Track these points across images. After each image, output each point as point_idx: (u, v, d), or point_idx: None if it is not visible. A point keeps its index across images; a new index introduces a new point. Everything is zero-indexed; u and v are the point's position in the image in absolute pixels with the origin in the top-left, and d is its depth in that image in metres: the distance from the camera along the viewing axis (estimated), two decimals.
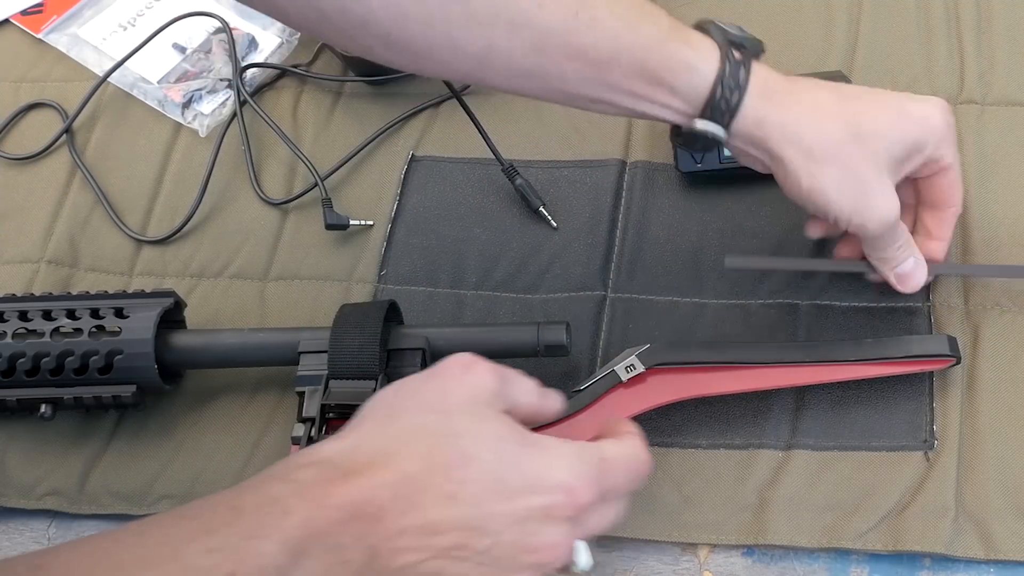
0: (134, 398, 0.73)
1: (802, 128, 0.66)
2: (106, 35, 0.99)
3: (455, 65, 0.66)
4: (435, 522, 0.52)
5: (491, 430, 0.55)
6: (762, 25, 0.91)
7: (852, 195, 0.66)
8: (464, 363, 0.59)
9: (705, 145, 0.67)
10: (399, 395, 0.58)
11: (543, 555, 0.54)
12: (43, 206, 0.90)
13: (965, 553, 0.66)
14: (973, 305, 0.75)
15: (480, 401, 0.57)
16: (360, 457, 0.53)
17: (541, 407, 0.62)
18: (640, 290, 0.79)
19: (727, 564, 0.68)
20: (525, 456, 0.54)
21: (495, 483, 0.53)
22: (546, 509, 0.54)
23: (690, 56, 0.65)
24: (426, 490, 0.52)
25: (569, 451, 0.56)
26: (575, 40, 0.64)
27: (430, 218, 0.85)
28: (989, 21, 0.88)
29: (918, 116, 0.68)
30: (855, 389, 0.71)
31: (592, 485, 0.55)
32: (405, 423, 0.55)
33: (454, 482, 0.53)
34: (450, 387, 0.57)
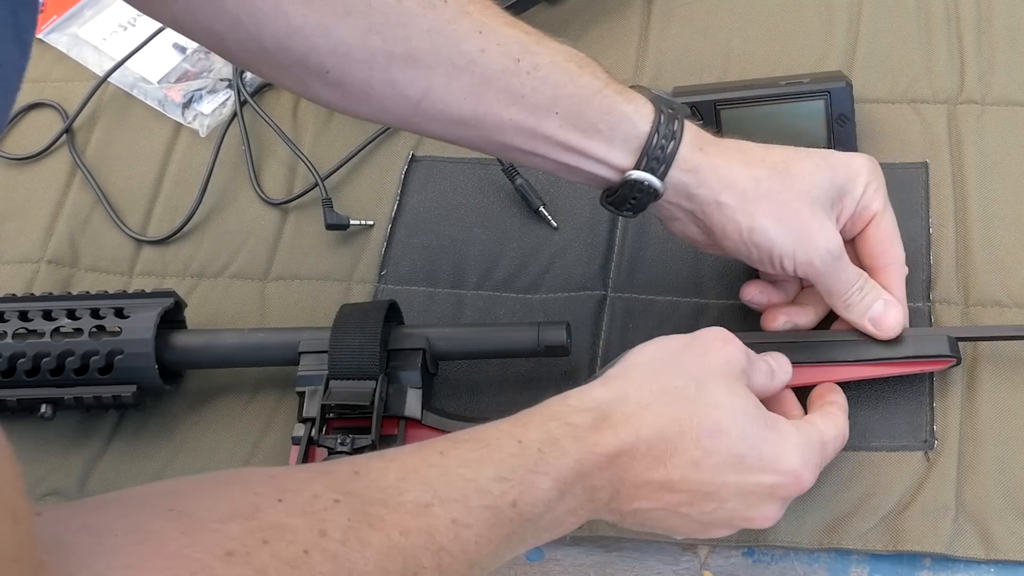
0: (134, 398, 0.73)
1: (734, 172, 0.67)
2: (106, 35, 0.99)
3: (392, 108, 0.66)
4: (675, 481, 0.59)
5: (740, 406, 0.61)
6: (762, 25, 0.91)
7: (792, 229, 0.66)
8: (723, 336, 0.64)
9: (636, 205, 0.68)
10: (663, 352, 0.63)
11: (755, 523, 0.62)
12: (43, 206, 0.90)
13: (965, 553, 0.66)
14: (973, 304, 0.75)
15: (733, 374, 0.62)
16: (627, 408, 0.59)
17: (771, 387, 0.66)
18: (640, 290, 0.79)
19: (727, 564, 0.68)
20: (765, 438, 0.60)
21: (735, 458, 0.59)
22: (772, 487, 0.61)
23: (627, 108, 0.66)
24: (675, 452, 0.59)
25: (800, 439, 0.62)
26: (515, 85, 0.65)
27: (430, 218, 0.85)
28: (989, 21, 0.88)
29: (843, 161, 0.69)
30: (855, 389, 0.71)
31: (816, 470, 0.63)
32: (668, 383, 0.60)
33: (701, 450, 0.59)
34: (710, 356, 0.62)
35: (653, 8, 0.93)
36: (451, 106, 0.65)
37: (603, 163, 0.67)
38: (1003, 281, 0.76)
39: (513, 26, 0.66)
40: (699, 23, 0.92)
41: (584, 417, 0.59)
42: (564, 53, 0.66)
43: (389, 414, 0.70)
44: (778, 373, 0.67)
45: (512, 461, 0.56)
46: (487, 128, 0.66)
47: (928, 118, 0.84)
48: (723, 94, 0.80)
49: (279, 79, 0.68)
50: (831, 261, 0.67)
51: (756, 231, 0.66)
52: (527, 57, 0.65)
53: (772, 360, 0.67)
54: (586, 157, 0.67)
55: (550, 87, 0.65)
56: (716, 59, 0.89)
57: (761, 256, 0.67)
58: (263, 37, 0.63)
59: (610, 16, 0.93)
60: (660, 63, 0.90)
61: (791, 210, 0.67)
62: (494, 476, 0.56)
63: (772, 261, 0.67)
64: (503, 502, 0.55)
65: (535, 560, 0.69)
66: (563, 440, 0.58)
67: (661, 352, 0.63)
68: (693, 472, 0.59)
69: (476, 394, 0.76)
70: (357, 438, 0.68)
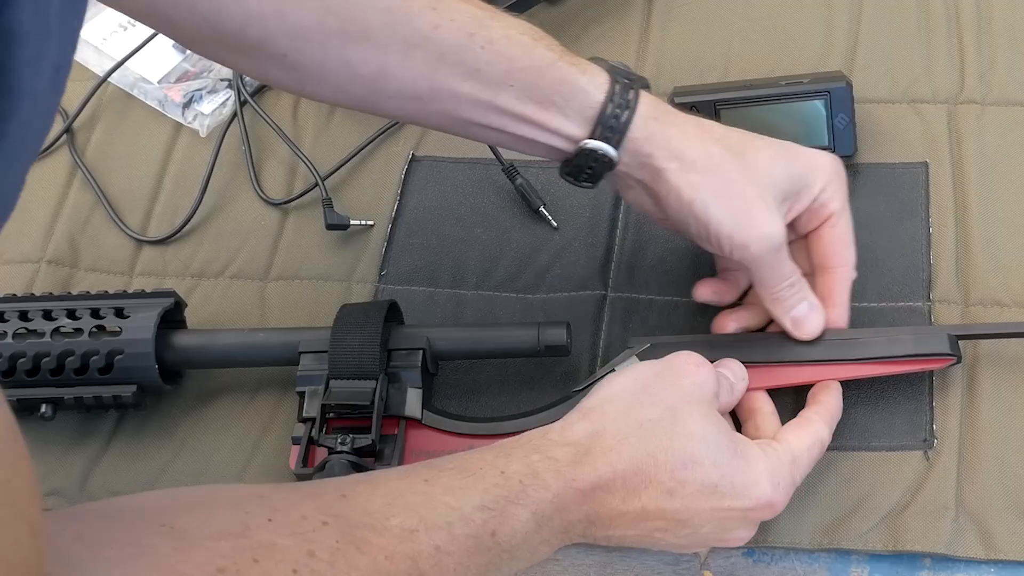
0: (134, 398, 0.73)
1: (686, 144, 0.67)
2: (106, 35, 0.99)
3: (348, 88, 0.66)
4: (650, 511, 0.60)
5: (712, 435, 0.61)
6: (762, 25, 0.91)
7: (733, 208, 0.66)
8: (695, 360, 0.65)
9: (592, 174, 0.68)
10: (637, 382, 0.63)
11: (729, 543, 0.64)
12: (43, 206, 0.90)
13: (965, 553, 0.66)
14: (972, 303, 0.75)
15: (705, 401, 0.63)
16: (604, 441, 0.60)
17: (731, 402, 0.68)
18: (640, 290, 0.79)
19: (727, 564, 0.68)
20: (737, 467, 0.61)
21: (708, 487, 0.60)
22: (745, 512, 0.62)
23: (581, 78, 0.66)
24: (649, 484, 0.60)
25: (769, 464, 0.62)
26: (469, 60, 0.65)
27: (430, 218, 0.85)
28: (989, 21, 0.88)
29: (803, 156, 0.69)
30: (855, 389, 0.71)
31: (787, 491, 0.63)
32: (644, 415, 0.61)
33: (675, 481, 0.60)
34: (683, 382, 0.63)
35: (653, 8, 0.93)
36: (407, 83, 0.65)
37: (559, 134, 0.67)
38: (1003, 281, 0.76)
39: (467, 2, 0.66)
40: (699, 23, 0.92)
41: (565, 452, 0.60)
42: (518, 27, 0.67)
43: (389, 414, 0.70)
44: (736, 384, 0.68)
45: (495, 491, 0.57)
46: (444, 103, 0.66)
47: (928, 118, 0.84)
48: (723, 94, 0.81)
49: (237, 64, 0.69)
50: (768, 249, 0.67)
51: (696, 203, 0.66)
52: (481, 32, 0.65)
53: (728, 371, 0.68)
54: (542, 129, 0.67)
55: (504, 60, 0.65)
56: (716, 59, 0.89)
57: (699, 230, 0.67)
58: (220, 24, 0.63)
59: (610, 16, 0.93)
60: (660, 63, 0.90)
61: (736, 189, 0.67)
62: (478, 505, 0.57)
63: (709, 238, 0.67)
64: (484, 531, 0.56)
65: None
66: (544, 474, 0.59)
67: (635, 383, 0.63)
68: (667, 502, 0.60)
69: (476, 394, 0.76)
70: (357, 438, 0.68)
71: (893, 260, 0.77)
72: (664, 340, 0.71)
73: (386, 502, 0.55)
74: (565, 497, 0.59)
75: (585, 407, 0.63)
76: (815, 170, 0.69)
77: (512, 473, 0.58)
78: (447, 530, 0.55)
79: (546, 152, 0.69)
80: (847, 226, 0.71)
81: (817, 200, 0.69)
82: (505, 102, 0.66)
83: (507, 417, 0.72)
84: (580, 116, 0.66)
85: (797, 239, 0.73)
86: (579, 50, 0.92)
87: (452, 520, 0.56)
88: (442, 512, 0.56)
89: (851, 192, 0.80)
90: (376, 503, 0.55)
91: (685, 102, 0.80)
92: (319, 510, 0.53)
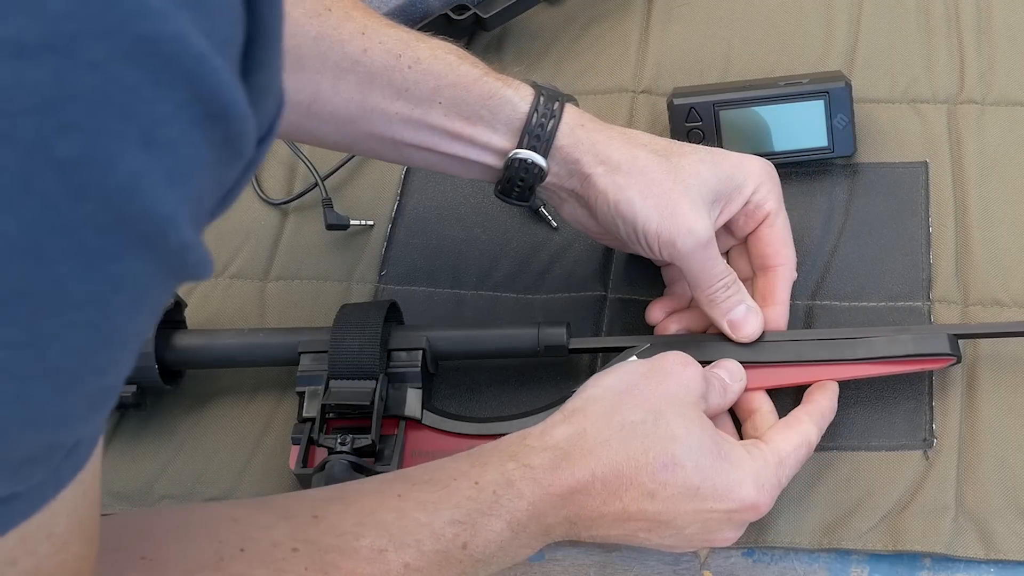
0: (134, 398, 0.73)
1: (612, 149, 0.68)
2: None
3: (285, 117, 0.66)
4: (631, 512, 0.60)
5: (695, 437, 0.61)
6: (762, 25, 0.91)
7: (658, 206, 0.67)
8: (682, 362, 0.65)
9: (524, 187, 0.69)
10: (621, 383, 0.63)
11: (716, 543, 0.64)
12: None
13: (965, 553, 0.66)
14: (972, 303, 0.75)
15: (690, 403, 0.63)
16: (585, 444, 0.60)
17: (724, 403, 0.68)
18: (640, 290, 0.79)
19: (727, 564, 0.68)
20: (719, 469, 0.61)
21: (691, 489, 0.60)
22: (729, 514, 0.62)
23: (507, 91, 0.68)
24: (631, 486, 0.60)
25: (754, 466, 0.62)
26: (398, 80, 0.66)
27: (430, 218, 0.85)
28: (989, 21, 0.88)
29: (734, 160, 0.71)
30: (854, 388, 0.71)
31: (772, 493, 0.63)
32: (626, 417, 0.61)
33: (656, 483, 0.60)
34: (669, 385, 0.63)
35: (653, 8, 0.93)
36: (339, 106, 0.67)
37: (488, 148, 0.68)
38: (1003, 280, 0.76)
39: (394, 27, 0.68)
40: (699, 23, 0.92)
41: (542, 457, 0.60)
42: (443, 47, 0.68)
43: (389, 414, 0.70)
44: (732, 385, 0.68)
45: (468, 504, 0.58)
46: (375, 124, 0.68)
47: (928, 118, 0.84)
48: (723, 94, 0.81)
49: None
50: (695, 245, 0.67)
51: (622, 203, 0.67)
52: (408, 52, 0.67)
53: (724, 372, 0.68)
54: (472, 144, 0.68)
55: (432, 78, 0.67)
56: (716, 59, 0.89)
57: (628, 232, 0.68)
58: None
59: (610, 16, 0.93)
60: (660, 63, 0.90)
61: (661, 188, 0.67)
62: (449, 520, 0.57)
63: (638, 237, 0.68)
64: (455, 545, 0.57)
65: (536, 561, 0.69)
66: (519, 482, 0.59)
67: (619, 384, 0.64)
68: (649, 503, 0.60)
69: (476, 394, 0.76)
70: (357, 438, 0.68)
71: (893, 260, 0.78)
72: (664, 339, 0.72)
73: (357, 521, 0.56)
74: (542, 504, 0.59)
75: (568, 408, 0.63)
76: (745, 172, 0.70)
77: (486, 483, 0.59)
78: (416, 547, 0.56)
79: (480, 172, 0.70)
80: (784, 226, 0.72)
81: (751, 202, 0.70)
82: (435, 119, 0.67)
83: (507, 417, 0.72)
84: (507, 128, 0.68)
85: (737, 244, 0.74)
86: (579, 50, 0.93)
87: (422, 537, 0.56)
88: (412, 529, 0.56)
89: (851, 192, 0.81)
90: (348, 523, 0.56)
91: (685, 103, 0.80)
92: (290, 536, 0.54)
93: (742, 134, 0.80)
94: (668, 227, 0.67)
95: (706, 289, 0.69)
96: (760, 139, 0.80)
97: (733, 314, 0.69)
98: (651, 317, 0.74)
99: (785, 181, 0.73)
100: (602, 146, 0.68)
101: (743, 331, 0.70)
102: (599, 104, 0.88)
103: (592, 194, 0.68)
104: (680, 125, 0.81)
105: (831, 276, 0.77)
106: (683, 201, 0.67)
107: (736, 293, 0.69)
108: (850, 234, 0.79)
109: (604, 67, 0.90)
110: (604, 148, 0.68)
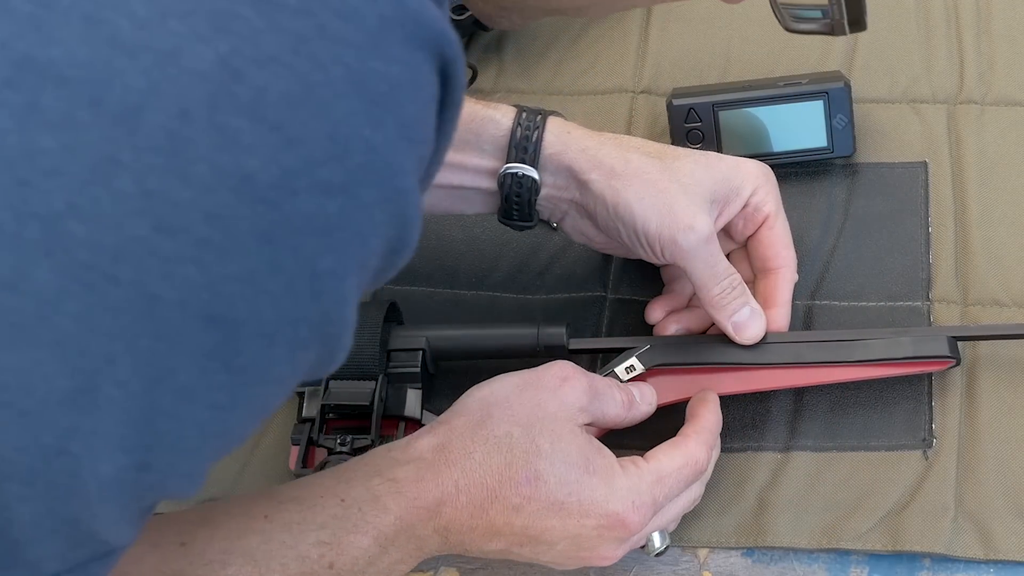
0: None
1: (603, 152, 0.68)
2: None
3: None
4: (498, 526, 0.60)
5: (561, 453, 0.61)
6: (762, 25, 0.90)
7: (657, 206, 0.67)
8: (562, 375, 0.64)
9: (522, 203, 0.69)
10: (496, 396, 0.63)
11: (595, 562, 0.62)
12: None
13: (965, 553, 0.66)
14: (972, 303, 0.75)
15: (564, 417, 0.62)
16: (448, 456, 0.60)
17: (627, 418, 0.67)
18: (640, 290, 0.79)
19: (727, 564, 0.68)
20: (586, 484, 0.60)
21: (555, 504, 0.60)
22: (598, 530, 0.61)
23: (488, 112, 0.69)
24: (495, 499, 0.59)
25: (627, 482, 0.61)
26: None
27: (430, 218, 0.84)
28: (989, 21, 0.88)
29: (728, 163, 0.70)
30: (854, 389, 0.71)
31: (644, 511, 0.61)
32: (493, 431, 0.61)
33: (520, 497, 0.60)
34: (542, 398, 0.62)
35: (653, 8, 0.93)
36: None
37: (480, 171, 0.69)
38: (1002, 281, 0.76)
39: None
40: (699, 23, 0.92)
41: (407, 470, 0.59)
42: None
43: (389, 414, 0.70)
44: (640, 405, 0.67)
45: (333, 523, 0.57)
46: None
47: (928, 118, 0.84)
48: (722, 95, 0.81)
49: None
50: (696, 242, 0.67)
51: (620, 206, 0.67)
52: None
53: (637, 391, 0.67)
54: (464, 169, 0.69)
55: None
56: (716, 59, 0.89)
57: (629, 235, 0.68)
58: None
59: (610, 16, 0.93)
60: (660, 63, 0.90)
61: (658, 188, 0.67)
62: (314, 541, 0.57)
63: (638, 239, 0.68)
64: (321, 565, 0.56)
65: None
66: (384, 497, 0.58)
67: (493, 396, 0.63)
68: (515, 518, 0.60)
69: None
70: (357, 438, 0.68)
71: (892, 260, 0.78)
72: (664, 341, 0.72)
73: (224, 547, 0.56)
74: (408, 517, 0.58)
75: (437, 420, 0.63)
76: (741, 175, 0.70)
77: (351, 500, 0.58)
78: (282, 571, 0.56)
79: (480, 202, 0.71)
80: (784, 228, 0.72)
81: (749, 204, 0.70)
82: None
83: None
84: (494, 146, 0.68)
85: (738, 248, 0.74)
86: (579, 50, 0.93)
87: (287, 560, 0.56)
88: (277, 553, 0.56)
89: (850, 192, 0.81)
90: (214, 549, 0.56)
91: (684, 103, 0.80)
92: (158, 568, 0.54)
93: (741, 134, 0.80)
94: (668, 225, 0.66)
95: (710, 290, 0.68)
96: (759, 139, 0.80)
97: (737, 316, 0.69)
98: (650, 316, 0.74)
99: (784, 181, 0.73)
100: (594, 151, 0.68)
101: (747, 333, 0.69)
102: (599, 104, 0.88)
103: (591, 201, 0.68)
104: (679, 125, 0.81)
105: (831, 276, 0.77)
106: (680, 199, 0.67)
107: (741, 295, 0.69)
108: (849, 234, 0.79)
109: (604, 67, 0.90)
110: (596, 153, 0.68)
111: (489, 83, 0.90)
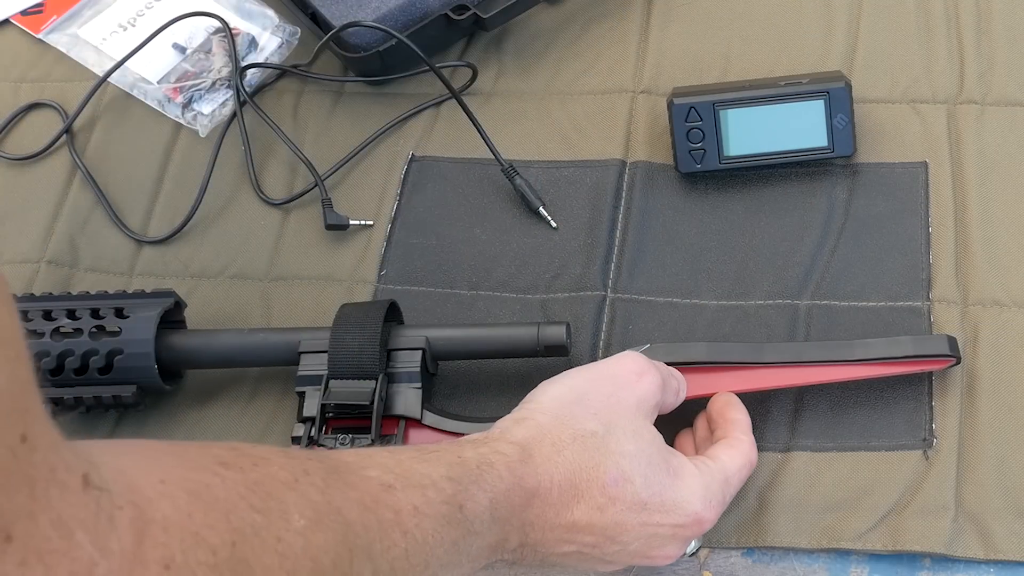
0: (134, 398, 0.73)
1: None
2: (106, 35, 0.99)
3: None
4: (581, 525, 0.60)
5: (645, 454, 0.62)
6: (762, 25, 0.91)
7: None
8: (638, 369, 0.64)
9: None
10: (571, 392, 0.63)
11: (657, 561, 0.63)
12: (43, 206, 0.90)
13: (965, 553, 0.66)
14: (972, 303, 0.75)
15: (642, 414, 0.63)
16: (543, 448, 0.60)
17: (675, 404, 0.68)
18: (640, 291, 0.79)
19: (727, 564, 0.68)
20: (668, 484, 0.61)
21: (639, 504, 0.61)
22: (674, 529, 0.62)
23: None
24: (582, 497, 0.60)
25: (702, 481, 0.63)
26: None
27: (430, 218, 0.85)
28: (989, 21, 0.88)
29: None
30: (854, 389, 0.72)
31: (718, 510, 0.63)
32: (578, 427, 0.61)
33: (606, 497, 0.60)
34: (622, 395, 0.63)
35: (653, 8, 0.93)
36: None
37: None
38: (1003, 281, 0.76)
39: None
40: (699, 23, 0.92)
41: (512, 449, 0.59)
42: None
43: (389, 414, 0.71)
44: (680, 392, 0.68)
45: (458, 469, 0.57)
46: None
47: (928, 118, 0.84)
48: (722, 95, 0.81)
49: None
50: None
51: None
52: None
53: (676, 379, 0.68)
54: None
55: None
56: (716, 59, 0.89)
57: None
58: None
59: (610, 16, 0.93)
60: (660, 63, 0.90)
61: None
62: (445, 475, 0.56)
63: None
64: (455, 502, 0.55)
65: None
66: (498, 465, 0.58)
67: (569, 393, 0.63)
68: (597, 516, 0.60)
69: (476, 394, 0.76)
70: (357, 438, 0.68)
71: (892, 260, 0.78)
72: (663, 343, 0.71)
73: (359, 459, 0.54)
74: (514, 494, 0.58)
75: (515, 416, 0.62)
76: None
77: (469, 459, 0.58)
78: (422, 492, 0.54)
79: None
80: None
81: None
82: None
83: None
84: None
85: None
86: (579, 50, 0.93)
87: (425, 484, 0.54)
88: (415, 476, 0.54)
89: (851, 192, 0.81)
90: (349, 457, 0.54)
91: (684, 102, 0.80)
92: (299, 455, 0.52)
93: (742, 134, 0.80)
94: None
95: None
96: (760, 139, 0.80)
97: None
98: None
99: (785, 181, 0.73)
100: None
101: None
102: (599, 104, 0.88)
103: None
104: (680, 125, 0.81)
105: (831, 276, 0.77)
106: None
107: None
108: (850, 234, 0.79)
109: (604, 67, 0.90)
110: None
111: (489, 83, 0.91)
